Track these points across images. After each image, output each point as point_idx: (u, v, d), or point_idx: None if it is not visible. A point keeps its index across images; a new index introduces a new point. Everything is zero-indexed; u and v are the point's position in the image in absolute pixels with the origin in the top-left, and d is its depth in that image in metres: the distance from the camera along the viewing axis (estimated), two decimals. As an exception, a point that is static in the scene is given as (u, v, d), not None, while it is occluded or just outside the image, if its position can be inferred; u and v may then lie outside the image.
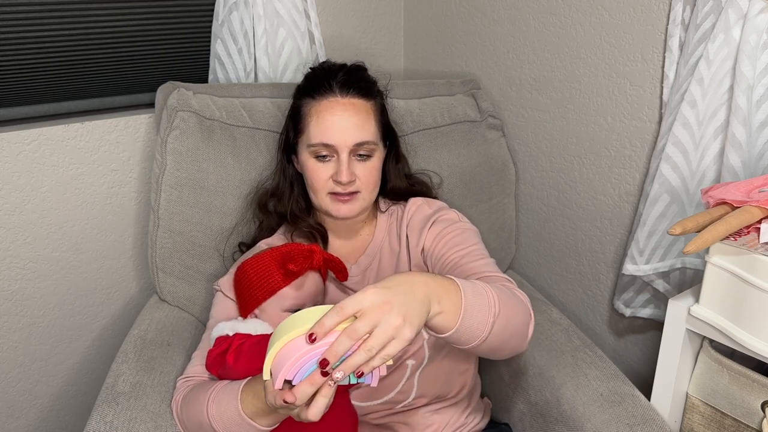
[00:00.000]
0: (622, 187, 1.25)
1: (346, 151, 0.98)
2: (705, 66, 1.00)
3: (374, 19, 1.62)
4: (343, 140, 0.98)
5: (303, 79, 1.08)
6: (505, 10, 1.39)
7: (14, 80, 1.21)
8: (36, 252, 1.29)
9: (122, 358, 1.04)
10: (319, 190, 1.01)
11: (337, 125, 0.98)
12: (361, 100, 1.01)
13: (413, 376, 1.00)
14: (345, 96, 1.00)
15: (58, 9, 1.18)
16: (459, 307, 0.72)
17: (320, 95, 1.01)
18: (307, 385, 0.66)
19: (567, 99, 1.31)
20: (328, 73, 1.03)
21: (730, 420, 0.91)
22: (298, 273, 0.91)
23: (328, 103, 0.99)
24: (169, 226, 1.17)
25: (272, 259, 0.94)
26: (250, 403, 0.82)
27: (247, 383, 0.85)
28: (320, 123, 0.99)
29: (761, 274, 0.80)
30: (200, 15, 1.35)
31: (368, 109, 1.02)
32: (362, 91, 1.02)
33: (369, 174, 1.01)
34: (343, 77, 1.01)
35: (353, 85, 1.01)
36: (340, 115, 0.98)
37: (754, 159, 1.01)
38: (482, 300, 0.75)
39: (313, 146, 0.99)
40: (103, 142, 1.30)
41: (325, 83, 1.01)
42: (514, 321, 0.81)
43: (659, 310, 1.23)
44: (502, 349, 0.82)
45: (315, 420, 0.69)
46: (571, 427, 0.97)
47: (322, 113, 0.99)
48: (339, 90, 1.00)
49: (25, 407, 1.37)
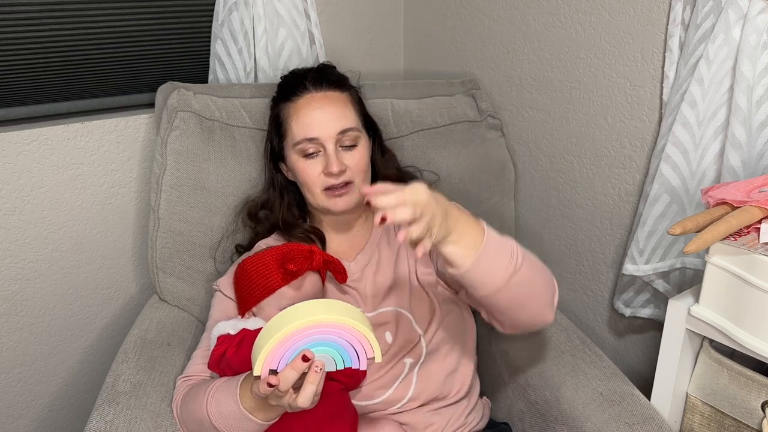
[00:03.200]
0: (622, 187, 1.25)
1: (332, 142, 1.00)
2: (705, 66, 1.00)
3: (374, 19, 1.62)
4: (326, 131, 1.00)
5: (277, 89, 1.12)
6: (505, 10, 1.39)
7: (14, 80, 1.21)
8: (36, 252, 1.29)
9: (122, 358, 1.04)
10: (313, 187, 1.02)
11: (317, 118, 1.00)
12: (335, 92, 1.04)
13: (411, 373, 1.00)
14: (319, 90, 1.03)
15: (58, 9, 1.18)
16: (477, 246, 0.77)
17: (296, 96, 1.04)
18: (289, 370, 0.72)
19: (567, 99, 1.31)
20: (299, 75, 1.07)
21: (730, 420, 0.91)
22: (297, 273, 0.92)
23: (305, 100, 1.03)
24: (169, 227, 1.17)
25: (273, 259, 0.95)
26: (248, 398, 0.83)
27: (245, 378, 0.85)
28: (300, 120, 1.01)
29: (761, 274, 0.80)
30: (200, 15, 1.35)
31: (344, 99, 1.05)
32: (335, 83, 1.05)
33: (358, 161, 1.02)
34: (315, 74, 1.05)
35: (325, 79, 1.05)
36: (319, 108, 1.01)
37: (754, 159, 1.01)
38: (504, 250, 0.80)
39: (298, 144, 1.01)
40: (103, 142, 1.30)
41: (299, 84, 1.05)
42: (537, 281, 0.84)
43: (659, 310, 1.23)
44: (523, 306, 0.85)
45: (306, 407, 0.74)
46: (571, 426, 0.97)
47: (301, 110, 1.02)
48: (313, 86, 1.04)
49: (25, 407, 1.37)
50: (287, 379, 0.72)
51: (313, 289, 0.95)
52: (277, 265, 0.93)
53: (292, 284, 0.93)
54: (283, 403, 0.77)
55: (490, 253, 0.79)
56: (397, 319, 1.01)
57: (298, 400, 0.74)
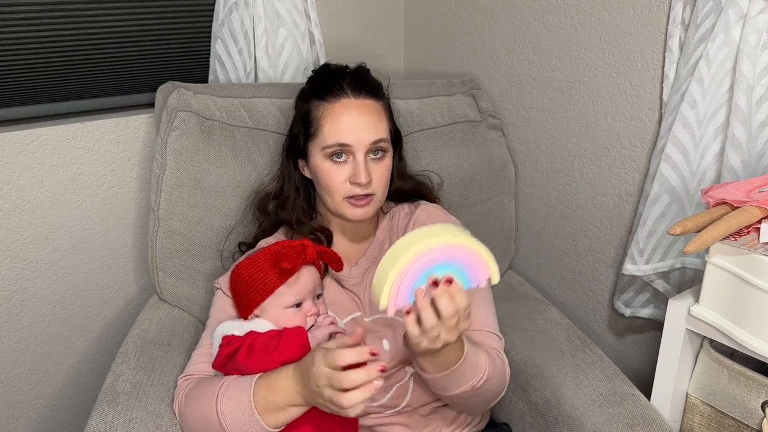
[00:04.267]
0: (622, 187, 1.25)
1: (363, 151, 0.98)
2: (705, 66, 1.00)
3: (374, 19, 1.62)
4: (359, 140, 0.98)
5: (308, 83, 1.09)
6: (505, 10, 1.39)
7: (14, 80, 1.21)
8: (36, 252, 1.29)
9: (122, 358, 1.04)
10: (335, 193, 1.00)
11: (353, 125, 0.98)
12: (372, 101, 1.02)
13: (408, 381, 1.00)
14: (358, 97, 1.01)
15: (58, 9, 1.18)
16: (451, 366, 0.85)
17: (332, 97, 1.01)
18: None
19: (567, 99, 1.31)
20: (336, 74, 1.04)
21: (730, 420, 0.91)
22: (292, 270, 0.92)
23: (342, 105, 1.00)
24: (169, 227, 1.17)
25: (265, 260, 0.94)
26: (262, 397, 0.83)
27: (260, 377, 0.86)
28: (335, 124, 0.99)
29: (761, 274, 0.80)
30: (200, 15, 1.35)
31: (379, 108, 1.03)
32: (373, 91, 1.03)
33: (383, 174, 1.02)
34: (354, 78, 1.02)
35: (365, 86, 1.02)
36: (356, 116, 0.99)
37: (754, 159, 1.01)
38: (473, 372, 0.88)
39: (328, 147, 0.99)
40: (103, 142, 1.30)
41: (336, 85, 1.01)
42: (490, 392, 0.94)
43: (659, 310, 1.23)
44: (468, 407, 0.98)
45: (348, 407, 0.76)
46: (571, 426, 0.97)
47: (337, 115, 0.99)
48: (351, 91, 1.01)
49: (25, 407, 1.37)
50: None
51: (312, 283, 0.95)
52: (271, 265, 0.93)
53: (289, 282, 0.92)
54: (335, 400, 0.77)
55: (457, 374, 0.86)
56: (394, 327, 1.01)
57: (343, 399, 0.76)
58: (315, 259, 0.95)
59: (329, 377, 0.77)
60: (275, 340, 0.88)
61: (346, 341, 0.81)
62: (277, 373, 0.85)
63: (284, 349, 0.87)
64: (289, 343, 0.88)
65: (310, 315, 0.94)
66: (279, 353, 0.87)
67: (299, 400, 0.83)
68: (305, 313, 0.93)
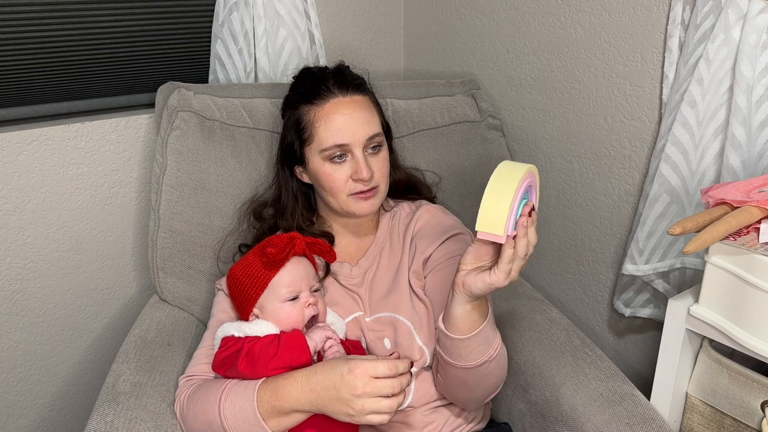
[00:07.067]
0: (622, 187, 1.25)
1: (360, 148, 0.98)
2: (705, 66, 1.00)
3: (374, 20, 1.62)
4: (356, 137, 0.98)
5: (291, 89, 1.08)
6: (505, 10, 1.39)
7: (14, 80, 1.21)
8: (36, 252, 1.29)
9: (122, 358, 1.04)
10: (339, 193, 1.00)
11: (347, 124, 0.98)
12: (360, 96, 1.02)
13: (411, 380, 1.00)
14: (346, 95, 1.01)
15: (58, 9, 1.18)
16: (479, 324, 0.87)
17: (321, 99, 1.00)
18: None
19: (567, 99, 1.31)
20: (319, 76, 1.03)
21: (730, 420, 0.91)
22: (279, 257, 0.92)
23: (332, 105, 0.99)
24: (169, 227, 1.17)
25: (255, 257, 0.96)
26: (266, 402, 0.83)
27: (264, 381, 0.86)
28: (329, 125, 0.99)
29: (761, 274, 0.80)
30: (200, 15, 1.35)
31: (369, 102, 1.03)
32: (359, 87, 1.03)
33: (383, 166, 1.02)
34: (338, 77, 1.02)
35: (350, 83, 1.02)
36: (348, 114, 0.99)
37: (754, 159, 1.02)
38: (491, 340, 0.89)
39: (326, 150, 0.99)
40: (104, 142, 1.30)
41: (321, 86, 1.01)
42: (499, 375, 0.94)
43: (659, 310, 1.23)
44: (476, 390, 0.96)
45: (387, 412, 0.80)
46: (571, 426, 0.97)
47: (330, 116, 0.99)
48: (338, 90, 1.00)
49: (25, 407, 1.37)
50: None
51: (305, 272, 0.95)
52: (260, 260, 0.94)
53: (280, 273, 0.93)
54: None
55: (482, 336, 0.87)
56: (395, 326, 1.01)
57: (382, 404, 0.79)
58: (305, 250, 0.95)
59: (367, 385, 0.80)
60: (273, 345, 0.88)
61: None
62: (282, 378, 0.85)
63: (283, 355, 0.87)
64: (287, 349, 0.88)
65: (307, 306, 0.93)
66: (278, 359, 0.87)
67: (305, 407, 0.83)
68: (303, 305, 0.93)
